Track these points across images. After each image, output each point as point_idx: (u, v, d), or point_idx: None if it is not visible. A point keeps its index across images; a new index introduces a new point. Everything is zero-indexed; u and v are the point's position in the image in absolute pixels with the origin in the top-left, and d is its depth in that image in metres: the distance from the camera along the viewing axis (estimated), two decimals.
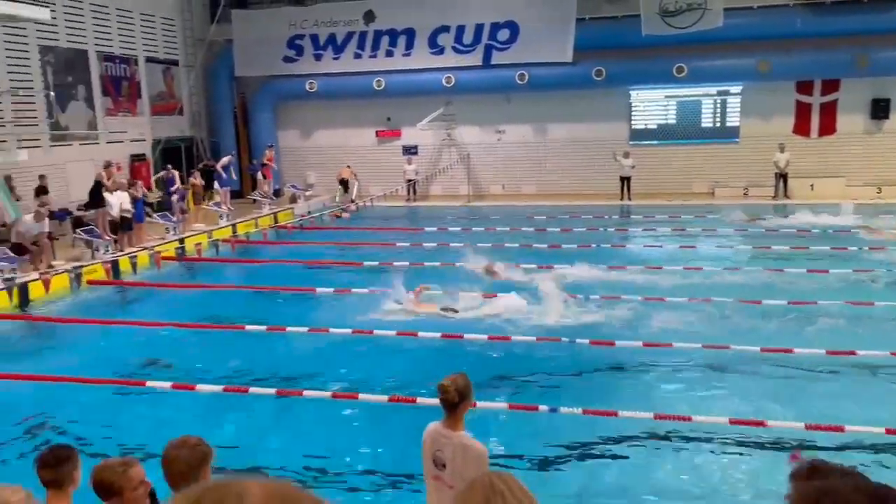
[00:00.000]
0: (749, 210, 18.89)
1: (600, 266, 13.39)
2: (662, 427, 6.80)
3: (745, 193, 21.92)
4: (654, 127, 23.56)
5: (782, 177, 21.22)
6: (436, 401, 7.22)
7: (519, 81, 22.33)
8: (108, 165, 16.35)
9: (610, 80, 21.90)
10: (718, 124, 23.26)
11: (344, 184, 23.33)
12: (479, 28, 22.57)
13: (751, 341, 8.88)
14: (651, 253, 15.04)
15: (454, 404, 3.78)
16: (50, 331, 11.22)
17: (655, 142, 23.34)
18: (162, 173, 19.24)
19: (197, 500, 0.67)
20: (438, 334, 9.68)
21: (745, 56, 21.08)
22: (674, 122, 23.47)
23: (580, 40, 21.52)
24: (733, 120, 22.84)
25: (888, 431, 6.38)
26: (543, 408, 7.02)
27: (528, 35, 22.09)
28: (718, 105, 23.19)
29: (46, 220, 13.69)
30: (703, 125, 23.30)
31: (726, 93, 22.81)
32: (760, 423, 6.67)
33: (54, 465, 3.36)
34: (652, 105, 23.54)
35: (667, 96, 23.26)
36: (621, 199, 21.71)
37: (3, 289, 11.83)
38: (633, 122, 23.48)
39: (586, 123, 23.26)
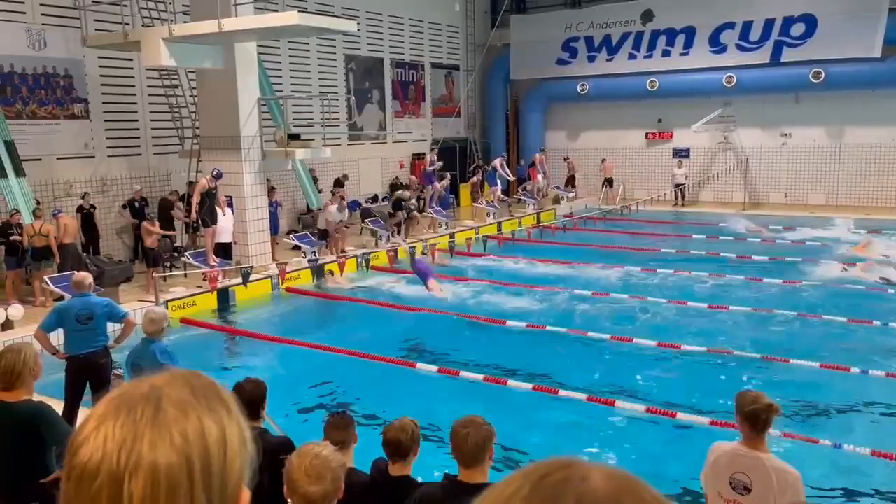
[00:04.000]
0: None
1: None
2: None
3: None
4: None
5: None
6: (694, 417, 6.87)
7: (813, 80, 20.23)
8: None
9: None
10: None
11: (609, 182, 23.17)
12: (768, 23, 20.88)
13: None
14: None
15: (766, 423, 3.47)
16: (338, 307, 12.62)
17: None
18: (429, 157, 20.52)
19: (545, 474, 0.71)
20: (704, 348, 9.17)
21: None
22: None
23: (892, 33, 18.93)
24: None
25: None
26: (825, 442, 6.31)
27: (828, 29, 19.93)
28: None
29: (347, 210, 15.42)
30: None
31: None
32: None
33: (343, 428, 3.80)
34: None
35: None
36: None
37: (306, 267, 13.62)
38: None
39: (894, 127, 20.34)
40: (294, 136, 14.08)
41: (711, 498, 3.70)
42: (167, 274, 12.99)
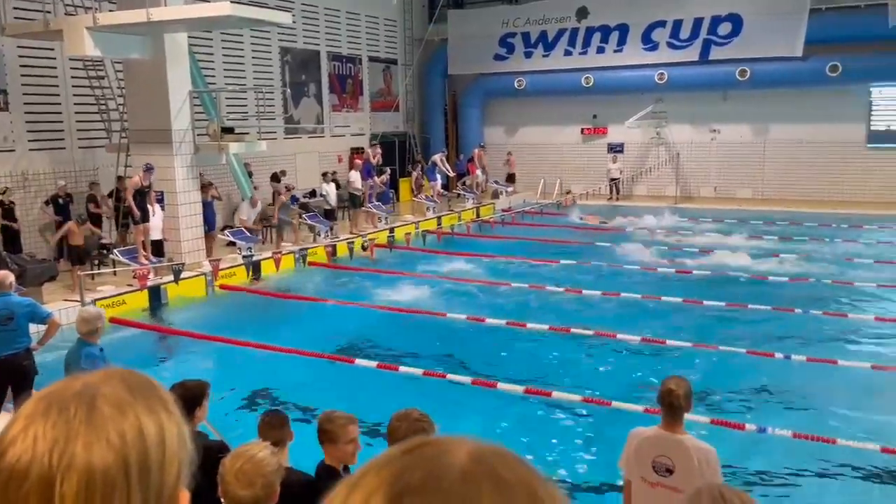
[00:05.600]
0: None
1: (824, 280, 12.27)
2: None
3: None
4: None
5: None
6: (629, 406, 7.03)
7: (739, 78, 20.94)
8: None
9: (846, 76, 19.81)
10: None
11: (511, 178, 23.43)
12: (697, 22, 21.50)
13: None
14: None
15: (681, 408, 3.66)
16: (275, 304, 12.41)
17: None
18: (368, 151, 20.34)
19: (409, 448, 0.69)
20: (638, 338, 9.41)
21: None
22: None
23: (812, 33, 19.76)
24: None
25: None
26: (751, 426, 6.55)
27: (753, 28, 20.66)
28: None
29: (259, 203, 15.28)
30: None
31: None
32: None
33: (279, 427, 3.76)
34: None
35: None
36: None
37: (241, 264, 13.35)
38: (872, 123, 21.06)
39: (815, 124, 21.26)
40: (228, 130, 13.77)
41: (635, 484, 3.81)
42: (95, 272, 12.53)
